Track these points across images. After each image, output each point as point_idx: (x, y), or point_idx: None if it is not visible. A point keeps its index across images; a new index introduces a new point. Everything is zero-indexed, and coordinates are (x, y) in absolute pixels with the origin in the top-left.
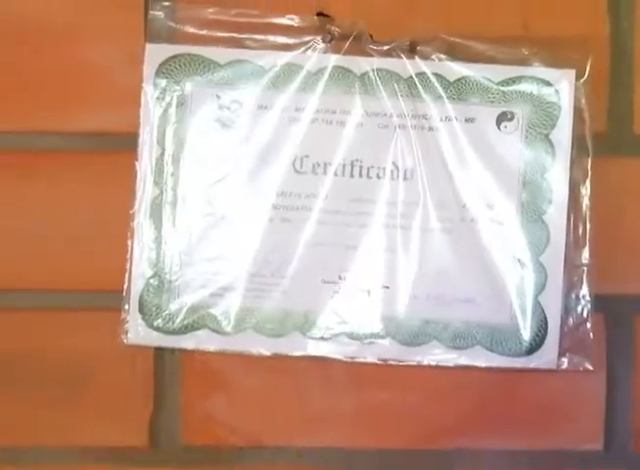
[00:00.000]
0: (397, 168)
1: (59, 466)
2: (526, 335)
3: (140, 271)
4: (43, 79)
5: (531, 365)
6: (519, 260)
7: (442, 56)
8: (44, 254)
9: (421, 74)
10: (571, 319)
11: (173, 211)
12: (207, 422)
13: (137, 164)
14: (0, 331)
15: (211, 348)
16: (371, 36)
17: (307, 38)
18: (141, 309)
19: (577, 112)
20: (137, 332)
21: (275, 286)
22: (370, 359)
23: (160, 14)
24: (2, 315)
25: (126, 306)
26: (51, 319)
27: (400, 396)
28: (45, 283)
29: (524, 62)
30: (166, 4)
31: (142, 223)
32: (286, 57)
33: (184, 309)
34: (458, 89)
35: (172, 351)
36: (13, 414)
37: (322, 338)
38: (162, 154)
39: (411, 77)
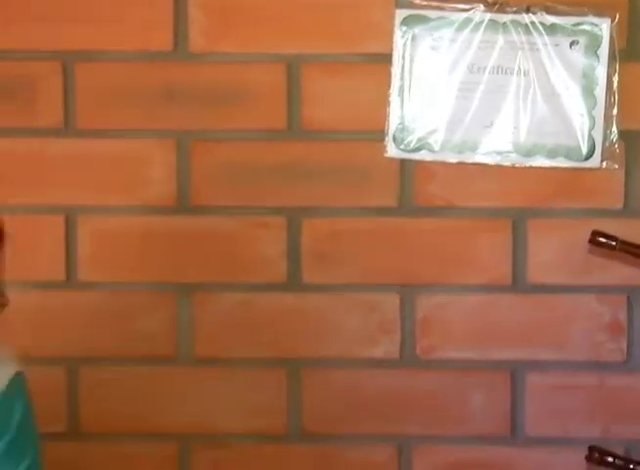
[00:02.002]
0: (520, 69)
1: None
2: (584, 150)
3: (393, 121)
4: (343, 31)
5: (587, 166)
6: (581, 114)
7: (544, 12)
8: (356, 116)
9: (532, 22)
10: (607, 143)
11: (410, 93)
12: (428, 194)
13: (392, 69)
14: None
15: (427, 159)
16: (507, 3)
17: (475, 5)
18: (393, 140)
19: (611, 39)
20: (391, 151)
21: (458, 128)
22: (505, 164)
23: None
24: (326, 146)
25: (386, 138)
26: (355, 146)
27: (520, 184)
28: (359, 127)
29: (584, 14)
30: None
31: (394, 98)
32: (464, 14)
33: (414, 140)
34: (551, 29)
35: (409, 160)
36: None
37: (482, 154)
38: (404, 64)
39: (527, 24)
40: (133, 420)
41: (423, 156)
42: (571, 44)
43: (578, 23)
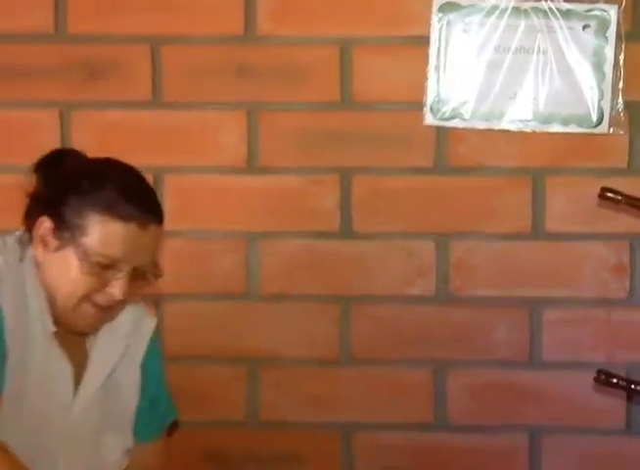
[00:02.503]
0: (539, 49)
1: None
2: (595, 118)
3: (430, 94)
4: (387, 17)
5: (596, 131)
6: (591, 87)
7: (561, 0)
8: (399, 89)
9: (550, 9)
10: (614, 112)
11: (445, 70)
12: (460, 156)
13: (429, 49)
14: None
15: (460, 126)
16: None
17: None
18: (430, 110)
19: (618, 23)
20: (429, 119)
21: (486, 99)
22: (526, 130)
23: None
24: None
25: (424, 109)
26: (398, 115)
27: (539, 147)
28: (402, 99)
29: (595, 1)
30: None
31: (431, 74)
32: (491, 2)
33: (448, 110)
34: (566, 14)
35: (444, 127)
36: None
37: (507, 121)
38: (439, 45)
39: (545, 10)
40: (209, 346)
41: (456, 123)
42: (584, 27)
43: (590, 9)
